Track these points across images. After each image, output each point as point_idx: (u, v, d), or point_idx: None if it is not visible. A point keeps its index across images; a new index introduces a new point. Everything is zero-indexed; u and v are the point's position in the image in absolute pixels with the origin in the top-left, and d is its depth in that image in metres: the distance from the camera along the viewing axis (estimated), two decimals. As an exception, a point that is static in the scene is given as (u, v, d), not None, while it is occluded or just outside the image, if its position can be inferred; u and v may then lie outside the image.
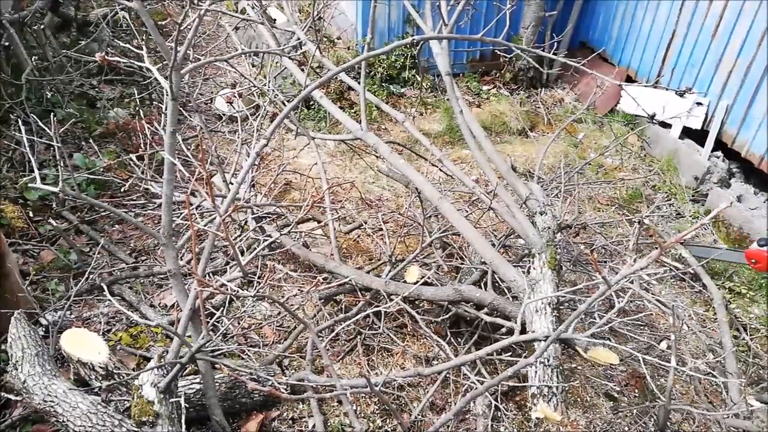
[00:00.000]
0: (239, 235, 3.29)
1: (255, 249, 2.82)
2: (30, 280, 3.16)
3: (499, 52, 5.78)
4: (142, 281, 3.39)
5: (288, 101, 4.02)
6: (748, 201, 4.46)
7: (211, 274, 3.46)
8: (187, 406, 2.28)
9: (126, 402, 2.31)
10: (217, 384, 2.52)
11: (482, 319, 2.93)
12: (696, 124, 5.01)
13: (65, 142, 4.30)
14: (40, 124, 3.08)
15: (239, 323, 3.22)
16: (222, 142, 4.94)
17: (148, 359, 2.81)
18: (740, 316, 3.63)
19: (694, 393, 3.13)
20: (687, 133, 5.12)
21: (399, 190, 4.54)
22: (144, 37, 5.29)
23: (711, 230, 4.41)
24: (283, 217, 3.91)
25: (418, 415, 2.71)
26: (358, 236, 3.98)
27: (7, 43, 4.30)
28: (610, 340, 3.13)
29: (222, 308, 3.25)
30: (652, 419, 2.87)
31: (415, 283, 2.93)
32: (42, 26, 4.86)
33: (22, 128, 2.52)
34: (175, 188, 2.79)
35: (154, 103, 4.92)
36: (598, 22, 6.11)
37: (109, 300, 2.17)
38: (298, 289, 3.41)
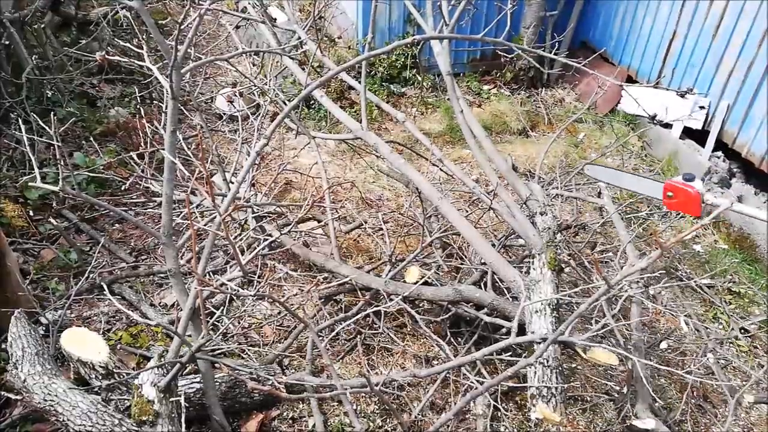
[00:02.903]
0: (239, 235, 3.29)
1: (255, 248, 2.83)
2: (30, 279, 3.17)
3: (499, 52, 5.78)
4: (142, 280, 3.40)
5: (288, 100, 4.03)
6: (748, 201, 4.46)
7: (211, 274, 3.46)
8: (187, 405, 2.28)
9: (126, 401, 2.31)
10: (217, 383, 2.52)
11: (482, 319, 2.93)
12: (697, 125, 5.01)
13: (65, 141, 4.31)
14: (41, 123, 3.08)
15: (239, 323, 3.22)
16: (222, 141, 4.94)
17: (148, 358, 2.81)
18: (743, 315, 3.63)
19: (694, 393, 3.13)
20: (688, 133, 5.12)
21: (399, 190, 4.54)
22: (144, 36, 5.29)
23: (711, 230, 4.41)
24: (283, 216, 3.91)
25: (418, 414, 2.71)
26: (359, 236, 3.98)
27: (7, 42, 4.29)
28: (610, 341, 3.12)
29: (222, 307, 3.25)
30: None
31: (415, 283, 2.93)
32: (42, 25, 4.85)
33: (23, 127, 2.52)
34: (176, 187, 2.79)
35: (154, 102, 4.92)
36: (599, 22, 6.10)
37: (110, 299, 2.17)
38: (299, 289, 3.41)
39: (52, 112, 2.53)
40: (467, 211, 4.07)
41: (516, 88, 6.20)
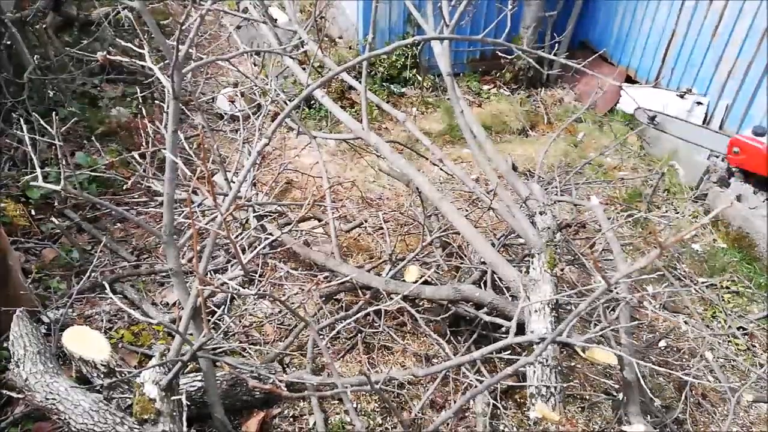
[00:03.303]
0: (240, 234, 3.30)
1: (256, 247, 2.84)
2: (32, 278, 3.18)
3: (499, 53, 5.79)
4: (143, 279, 3.41)
5: (289, 100, 4.03)
6: (747, 200, 4.47)
7: (212, 273, 3.47)
8: (188, 403, 2.29)
9: (128, 400, 2.32)
10: (218, 382, 2.53)
11: (482, 319, 2.94)
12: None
13: (67, 141, 4.32)
14: (42, 122, 3.08)
15: (240, 321, 3.23)
16: (223, 141, 4.95)
17: (150, 357, 2.82)
18: (742, 315, 3.64)
19: (693, 392, 3.14)
20: (687, 132, 5.13)
21: (399, 189, 4.55)
22: (146, 37, 5.29)
23: (710, 229, 4.42)
24: (284, 215, 3.92)
25: (418, 413, 2.72)
26: (359, 235, 4.00)
27: (9, 42, 4.31)
28: (609, 340, 3.14)
29: (223, 306, 3.26)
30: (650, 417, 2.88)
31: (415, 282, 2.95)
32: (44, 25, 4.86)
33: (24, 127, 2.53)
34: (177, 187, 2.80)
35: (156, 101, 4.93)
36: (598, 22, 6.11)
37: (111, 298, 2.18)
38: (299, 288, 3.42)
39: (53, 112, 2.53)
40: (467, 211, 4.08)
41: (516, 88, 6.21)
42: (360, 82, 3.23)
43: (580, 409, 2.92)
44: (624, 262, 2.95)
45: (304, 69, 3.91)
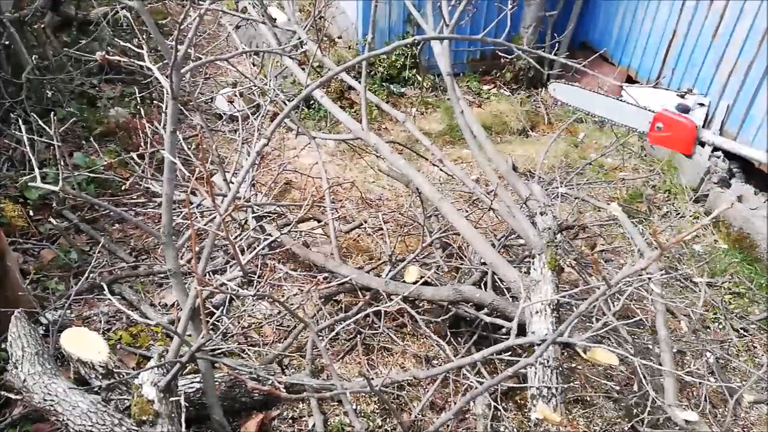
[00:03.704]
0: (239, 235, 3.28)
1: (255, 248, 2.83)
2: (30, 279, 3.17)
3: (499, 52, 5.78)
4: (142, 280, 3.40)
5: (289, 101, 4.02)
6: (748, 201, 4.46)
7: (211, 273, 3.46)
8: (186, 405, 2.28)
9: (126, 401, 2.31)
10: (217, 383, 2.52)
11: (482, 320, 2.93)
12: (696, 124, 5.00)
13: (65, 141, 4.30)
14: (41, 123, 3.07)
15: (239, 322, 3.22)
16: (222, 141, 4.94)
17: (148, 358, 2.81)
18: (742, 315, 3.63)
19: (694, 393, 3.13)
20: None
21: (399, 190, 4.54)
22: (144, 36, 5.27)
23: (711, 230, 4.41)
24: (283, 216, 3.91)
25: (418, 414, 2.71)
26: (359, 236, 3.98)
27: (7, 42, 4.29)
28: (609, 340, 3.13)
29: (222, 307, 3.25)
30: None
31: (414, 283, 2.93)
32: (42, 25, 4.85)
33: (23, 127, 2.51)
34: (176, 187, 2.79)
35: (154, 102, 4.92)
36: (599, 22, 6.10)
37: (109, 299, 2.17)
38: (299, 289, 3.41)
39: (52, 112, 2.53)
40: (467, 211, 4.07)
41: (516, 88, 6.20)
42: (359, 82, 3.22)
43: (581, 410, 2.91)
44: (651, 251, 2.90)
45: (303, 69, 3.90)
